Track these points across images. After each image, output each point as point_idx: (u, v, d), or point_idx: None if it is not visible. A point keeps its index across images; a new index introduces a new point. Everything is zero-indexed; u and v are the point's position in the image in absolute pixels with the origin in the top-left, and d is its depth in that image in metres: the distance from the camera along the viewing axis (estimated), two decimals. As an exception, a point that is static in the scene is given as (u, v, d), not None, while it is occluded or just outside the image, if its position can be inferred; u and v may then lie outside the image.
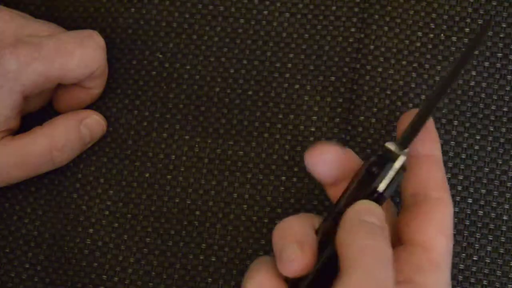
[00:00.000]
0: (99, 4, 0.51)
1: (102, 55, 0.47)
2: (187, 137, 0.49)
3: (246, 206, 0.48)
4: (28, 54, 0.44)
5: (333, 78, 0.48)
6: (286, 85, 0.49)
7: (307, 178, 0.47)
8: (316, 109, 0.48)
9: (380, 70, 0.48)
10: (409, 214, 0.40)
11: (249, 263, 0.47)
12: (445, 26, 0.48)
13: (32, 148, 0.46)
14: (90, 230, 0.48)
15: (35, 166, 0.47)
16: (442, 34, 0.48)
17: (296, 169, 0.48)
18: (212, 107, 0.49)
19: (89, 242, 0.48)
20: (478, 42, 0.40)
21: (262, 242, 0.47)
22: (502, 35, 0.48)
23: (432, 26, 0.48)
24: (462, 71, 0.41)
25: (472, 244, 0.46)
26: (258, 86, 0.49)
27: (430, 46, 0.48)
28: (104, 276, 0.48)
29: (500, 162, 0.47)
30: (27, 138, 0.46)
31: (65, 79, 0.46)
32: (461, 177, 0.46)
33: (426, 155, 0.40)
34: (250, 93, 0.49)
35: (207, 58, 0.49)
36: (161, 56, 0.50)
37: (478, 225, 0.46)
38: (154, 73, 0.50)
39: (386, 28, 0.48)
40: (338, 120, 0.48)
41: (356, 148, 0.47)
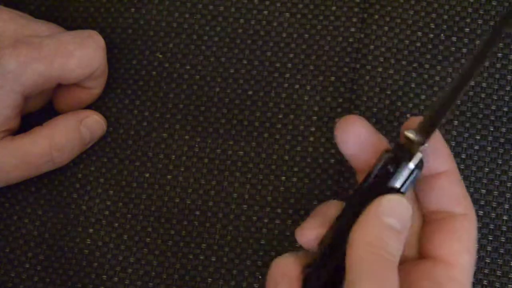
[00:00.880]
0: (99, 4, 0.51)
1: (102, 55, 0.47)
2: (187, 137, 0.49)
3: (246, 206, 0.48)
4: (28, 54, 0.44)
5: (333, 78, 0.48)
6: (286, 85, 0.48)
7: (307, 178, 0.47)
8: (316, 109, 0.48)
9: (380, 70, 0.48)
10: (432, 229, 0.39)
11: (249, 263, 0.47)
12: (445, 26, 0.48)
13: (32, 148, 0.46)
14: (90, 230, 0.48)
15: (35, 166, 0.47)
16: (442, 34, 0.48)
17: (296, 169, 0.48)
18: (212, 107, 0.49)
19: (89, 242, 0.48)
20: (501, 28, 0.38)
21: (262, 242, 0.47)
22: (502, 35, 0.47)
23: (432, 26, 0.48)
24: (489, 55, 0.39)
25: (472, 244, 0.46)
26: (258, 86, 0.49)
27: (430, 46, 0.48)
28: (104, 276, 0.48)
29: (500, 162, 0.47)
30: (27, 138, 0.46)
31: (65, 79, 0.46)
32: (461, 177, 0.46)
33: (442, 172, 0.39)
34: (250, 93, 0.49)
35: (207, 58, 0.49)
36: (161, 56, 0.50)
37: (478, 225, 0.46)
38: (154, 73, 0.50)
39: (386, 28, 0.48)
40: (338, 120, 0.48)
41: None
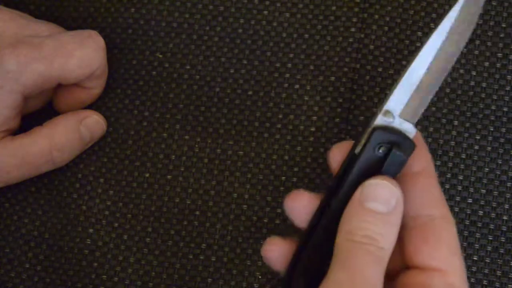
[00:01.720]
0: (99, 4, 0.51)
1: (102, 55, 0.47)
2: (187, 137, 0.49)
3: (246, 206, 0.48)
4: (28, 54, 0.44)
5: (333, 78, 0.48)
6: (286, 85, 0.48)
7: (307, 178, 0.47)
8: (316, 109, 0.48)
9: (380, 70, 0.48)
10: (416, 237, 0.38)
11: (249, 263, 0.47)
12: (445, 26, 0.48)
13: (32, 148, 0.46)
14: (90, 230, 0.48)
15: (35, 166, 0.47)
16: (442, 34, 0.48)
17: (296, 169, 0.48)
18: (212, 107, 0.49)
19: (89, 242, 0.48)
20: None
21: (262, 242, 0.47)
22: (502, 35, 0.47)
23: (432, 26, 0.48)
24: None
25: (472, 244, 0.46)
26: (258, 86, 0.49)
27: (430, 46, 0.48)
28: (104, 276, 0.48)
29: (500, 162, 0.47)
30: (27, 138, 0.46)
31: (65, 79, 0.46)
32: (461, 177, 0.46)
33: (419, 172, 0.38)
34: (250, 93, 0.49)
35: (207, 58, 0.49)
36: (161, 56, 0.50)
37: (478, 225, 0.46)
38: (154, 73, 0.50)
39: (386, 28, 0.48)
40: (338, 120, 0.48)
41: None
